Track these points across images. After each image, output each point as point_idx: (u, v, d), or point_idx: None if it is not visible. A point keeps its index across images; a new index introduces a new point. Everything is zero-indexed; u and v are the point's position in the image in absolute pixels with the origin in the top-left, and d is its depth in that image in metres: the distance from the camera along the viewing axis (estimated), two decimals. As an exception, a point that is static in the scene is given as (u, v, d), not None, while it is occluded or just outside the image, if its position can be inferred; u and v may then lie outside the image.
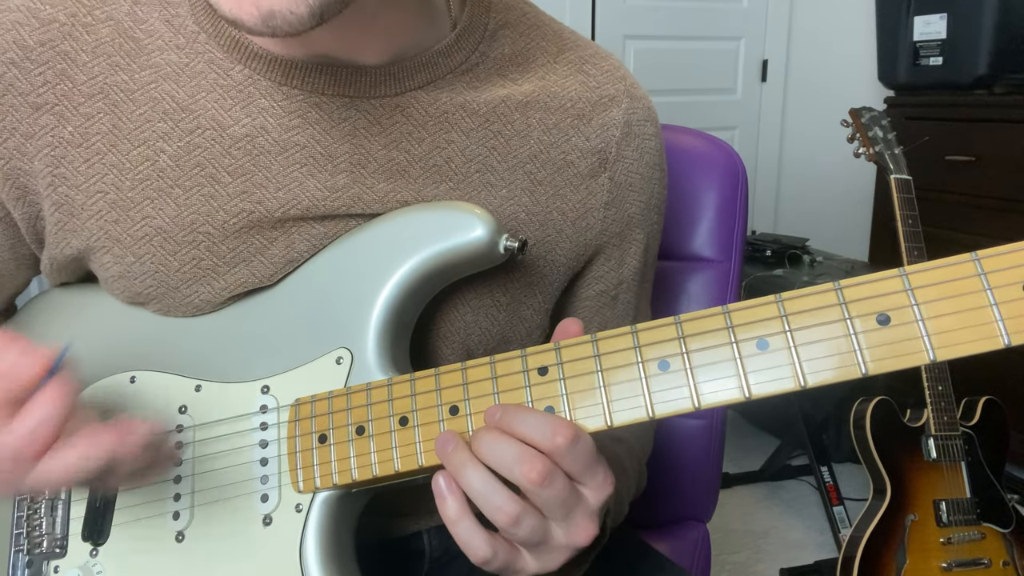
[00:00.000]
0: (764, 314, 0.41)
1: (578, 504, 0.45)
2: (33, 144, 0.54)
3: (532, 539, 0.45)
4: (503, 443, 0.44)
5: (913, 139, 1.63)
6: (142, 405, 0.56)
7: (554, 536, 0.46)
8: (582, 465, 0.44)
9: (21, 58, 0.53)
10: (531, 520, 0.44)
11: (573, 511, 0.45)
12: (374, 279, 0.53)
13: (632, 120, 0.62)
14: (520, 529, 0.44)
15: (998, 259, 0.38)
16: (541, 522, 0.45)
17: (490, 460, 0.44)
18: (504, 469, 0.44)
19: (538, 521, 0.45)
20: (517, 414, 0.44)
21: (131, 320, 0.58)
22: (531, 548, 0.46)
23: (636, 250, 0.65)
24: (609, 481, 0.46)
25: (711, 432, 0.97)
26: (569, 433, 0.43)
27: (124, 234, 0.55)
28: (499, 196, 0.58)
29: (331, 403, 0.51)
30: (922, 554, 1.34)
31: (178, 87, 0.54)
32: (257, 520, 0.52)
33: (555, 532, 0.46)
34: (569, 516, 0.45)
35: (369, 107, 0.55)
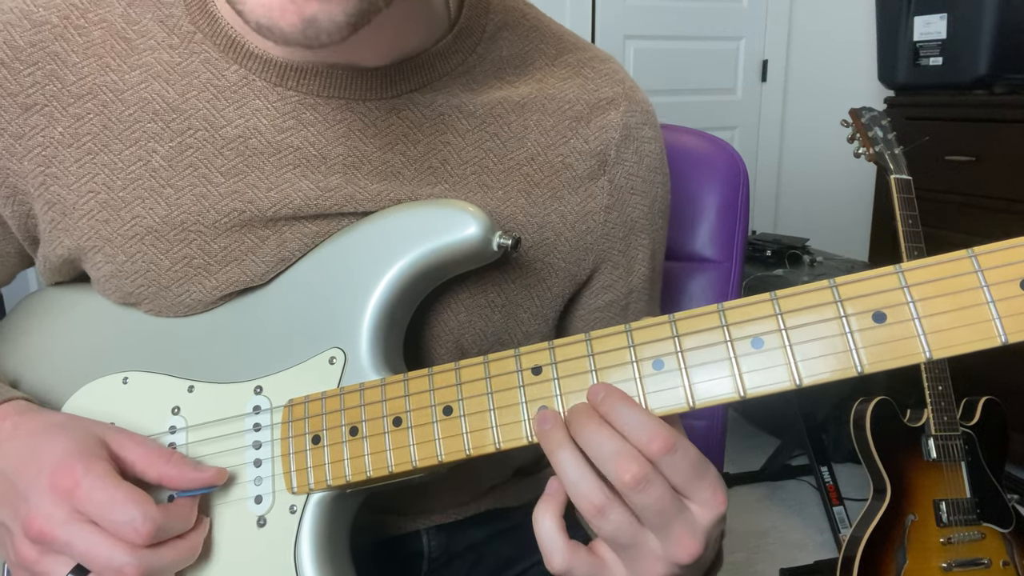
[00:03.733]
0: (759, 312, 0.41)
1: (679, 516, 0.42)
2: (23, 144, 0.54)
3: (619, 538, 0.42)
4: (603, 435, 0.41)
5: (913, 139, 1.63)
6: (134, 406, 0.56)
7: (648, 544, 0.43)
8: (683, 477, 0.41)
9: (11, 59, 0.53)
10: (619, 516, 0.42)
11: (672, 522, 0.42)
12: (367, 278, 0.53)
13: (631, 123, 0.62)
14: (606, 523, 0.42)
15: (995, 256, 0.37)
16: (630, 521, 0.42)
17: (588, 449, 0.42)
18: (600, 463, 0.42)
19: (626, 519, 0.42)
20: (616, 405, 0.42)
21: (123, 320, 0.58)
22: (620, 551, 0.44)
23: (643, 256, 0.65)
24: (720, 499, 0.42)
25: (712, 433, 0.97)
26: (665, 443, 0.40)
27: (115, 233, 0.54)
28: (495, 198, 0.58)
29: (324, 403, 0.51)
30: (922, 554, 1.34)
31: (169, 87, 0.54)
32: (251, 521, 0.51)
33: (649, 540, 0.43)
34: (668, 527, 0.42)
35: (365, 109, 0.55)
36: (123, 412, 0.56)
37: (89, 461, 0.47)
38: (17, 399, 0.54)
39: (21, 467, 0.48)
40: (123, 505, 0.45)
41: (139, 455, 0.49)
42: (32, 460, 0.48)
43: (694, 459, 0.42)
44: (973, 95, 2.07)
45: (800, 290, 0.40)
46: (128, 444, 0.50)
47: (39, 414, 0.52)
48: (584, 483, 0.42)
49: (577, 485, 0.42)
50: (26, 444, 0.49)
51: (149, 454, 0.50)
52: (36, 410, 0.53)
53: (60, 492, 0.46)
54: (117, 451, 0.49)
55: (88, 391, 0.57)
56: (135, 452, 0.49)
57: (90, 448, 0.48)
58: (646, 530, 0.43)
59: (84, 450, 0.47)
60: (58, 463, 0.47)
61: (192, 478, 0.50)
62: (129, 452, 0.49)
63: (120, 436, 0.50)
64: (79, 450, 0.47)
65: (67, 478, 0.46)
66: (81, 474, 0.46)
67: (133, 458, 0.49)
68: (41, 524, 0.46)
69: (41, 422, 0.51)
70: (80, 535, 0.45)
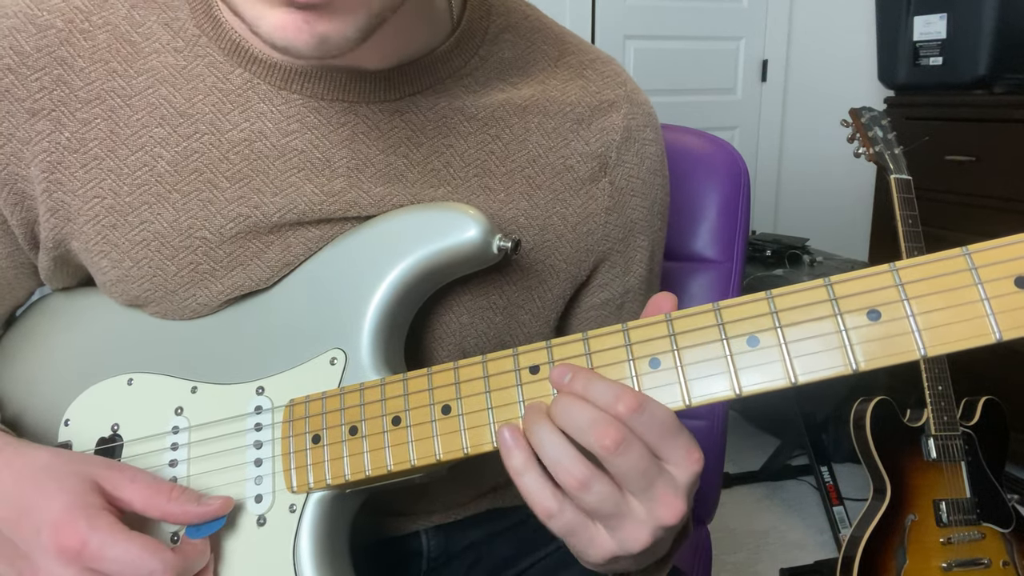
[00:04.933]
0: (755, 311, 0.41)
1: (659, 476, 0.42)
2: (30, 149, 0.54)
3: (603, 508, 0.43)
4: (576, 407, 0.42)
5: (913, 139, 1.63)
6: (139, 407, 0.56)
7: (632, 510, 0.43)
8: (656, 435, 0.42)
9: (18, 64, 0.53)
10: (602, 487, 0.42)
11: (654, 483, 0.42)
12: (368, 280, 0.53)
13: (632, 125, 0.62)
14: (590, 495, 0.42)
15: (989, 253, 0.38)
16: (613, 491, 0.42)
17: (564, 423, 0.42)
18: (578, 434, 0.42)
19: (609, 489, 0.42)
20: (587, 380, 0.43)
21: (129, 323, 0.58)
22: (604, 520, 0.44)
23: (641, 257, 0.65)
24: (695, 456, 0.43)
25: (712, 433, 0.97)
26: (632, 402, 0.41)
27: (122, 239, 0.55)
28: (497, 200, 0.58)
29: (324, 403, 0.51)
30: (922, 554, 1.34)
31: (175, 91, 0.54)
32: (251, 520, 0.52)
33: (633, 505, 0.43)
34: (650, 488, 0.42)
35: (368, 112, 0.55)
36: (127, 413, 0.56)
37: (91, 515, 0.45)
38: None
39: (16, 522, 0.46)
40: (139, 558, 0.44)
41: (136, 494, 0.48)
42: (26, 515, 0.46)
43: (664, 417, 0.42)
44: (973, 95, 2.07)
45: (795, 289, 0.41)
46: (123, 483, 0.48)
47: (23, 454, 0.50)
48: (565, 459, 0.42)
49: (559, 462, 0.42)
50: (15, 494, 0.47)
51: (147, 491, 0.48)
52: (20, 449, 0.50)
53: (68, 554, 0.44)
54: (112, 492, 0.48)
55: (93, 392, 0.57)
56: (131, 491, 0.48)
57: (87, 498, 0.46)
58: (628, 496, 0.43)
59: (82, 502, 0.45)
60: (58, 521, 0.45)
61: (197, 514, 0.48)
62: (125, 492, 0.48)
63: (113, 475, 0.48)
64: (77, 503, 0.45)
65: (72, 537, 0.44)
66: (86, 531, 0.44)
67: (130, 497, 0.48)
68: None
69: (29, 467, 0.49)
70: None
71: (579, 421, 0.42)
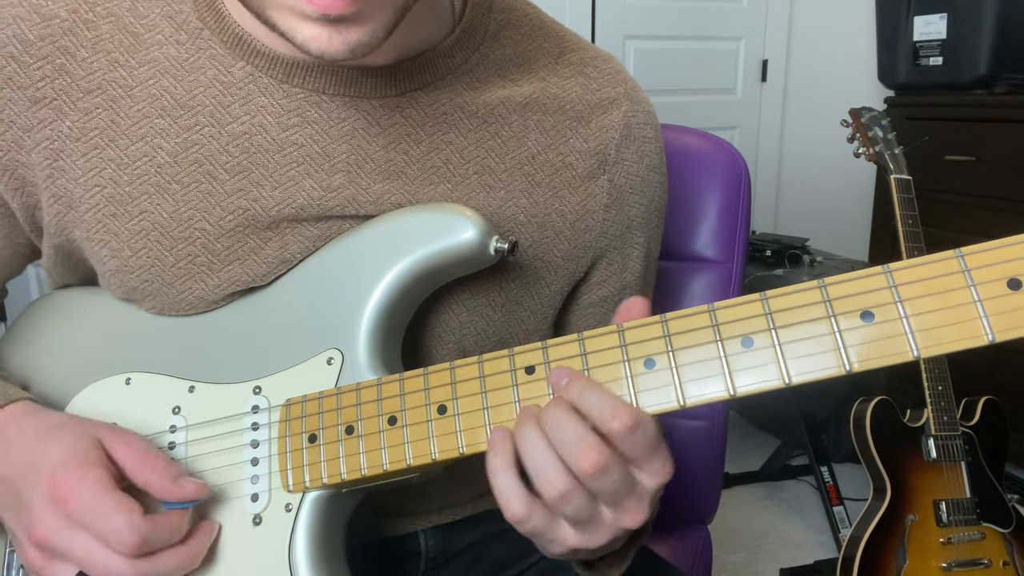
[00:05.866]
0: (749, 312, 0.41)
1: (632, 491, 0.44)
2: (31, 137, 0.54)
3: (576, 516, 0.44)
4: (565, 420, 0.43)
5: (913, 139, 1.63)
6: (136, 406, 0.56)
7: (603, 516, 0.45)
8: (640, 451, 0.43)
9: (20, 52, 0.53)
10: (579, 500, 0.43)
11: (625, 498, 0.44)
12: (365, 281, 0.54)
13: (632, 123, 0.62)
14: (567, 506, 0.43)
15: (982, 255, 0.38)
16: (590, 503, 0.44)
17: (551, 433, 0.43)
18: (561, 447, 0.43)
19: (587, 501, 0.44)
20: (582, 389, 0.43)
21: (127, 322, 0.58)
22: (574, 524, 0.45)
23: (638, 254, 0.65)
24: (667, 469, 0.45)
25: (712, 433, 0.97)
26: (628, 420, 0.42)
27: (121, 228, 0.55)
28: (497, 197, 0.58)
29: (321, 403, 0.51)
30: (922, 554, 1.34)
31: (177, 83, 0.54)
32: (247, 520, 0.52)
33: (604, 513, 0.45)
34: (620, 503, 0.44)
35: (369, 107, 0.55)
36: (125, 412, 0.56)
37: (85, 468, 0.47)
38: (22, 400, 0.54)
39: (23, 475, 0.49)
40: (108, 515, 0.46)
41: (128, 458, 0.49)
42: (32, 468, 0.48)
43: (652, 436, 0.43)
44: (973, 95, 2.07)
45: (789, 290, 0.41)
46: (118, 446, 0.50)
47: (40, 416, 0.53)
48: (549, 469, 0.43)
49: (542, 471, 0.43)
50: (27, 450, 0.50)
51: (136, 457, 0.49)
52: (38, 412, 0.53)
53: (57, 501, 0.46)
54: (111, 453, 0.50)
55: (92, 391, 0.58)
56: (124, 454, 0.50)
57: (86, 454, 0.48)
58: (601, 505, 0.45)
59: (80, 457, 0.48)
60: (55, 471, 0.47)
61: (171, 491, 0.49)
62: (118, 454, 0.50)
63: (113, 437, 0.50)
64: (75, 457, 0.48)
65: (63, 487, 0.46)
66: (75, 482, 0.46)
67: (122, 460, 0.50)
68: (42, 532, 0.47)
69: (42, 425, 0.51)
70: (76, 544, 0.46)
71: (565, 435, 0.43)
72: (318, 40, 0.46)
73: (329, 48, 0.46)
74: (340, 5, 0.43)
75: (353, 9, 0.44)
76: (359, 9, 0.44)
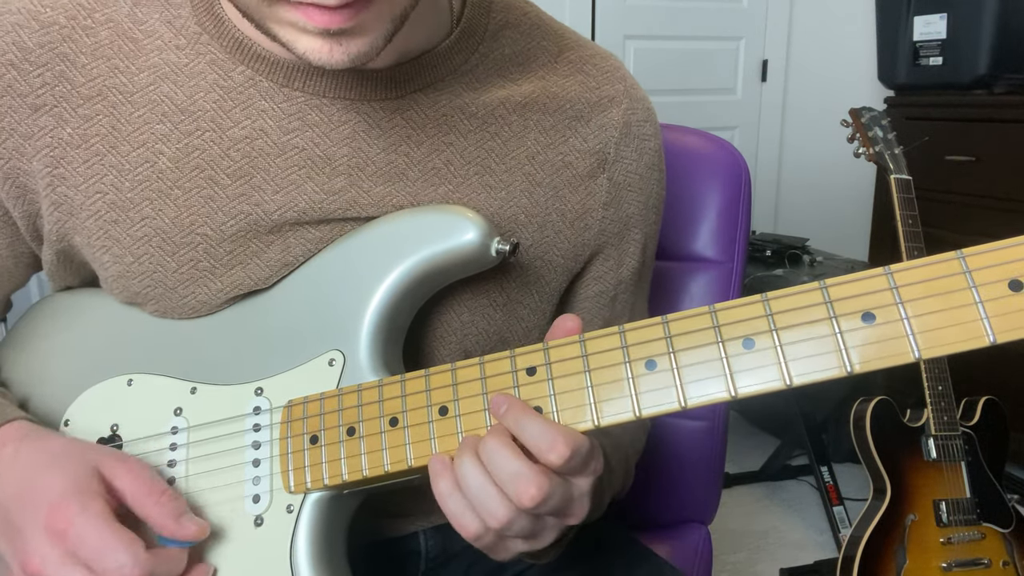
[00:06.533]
0: (750, 313, 0.41)
1: (572, 503, 0.46)
2: (32, 145, 0.54)
3: (521, 534, 0.46)
4: (502, 455, 0.44)
5: (913, 139, 1.63)
6: (138, 407, 0.56)
7: (546, 527, 0.47)
8: (579, 468, 0.45)
9: (20, 60, 0.53)
10: (522, 523, 0.45)
11: (567, 508, 0.46)
12: (367, 282, 0.54)
13: (631, 121, 0.62)
14: (510, 531, 0.45)
15: (983, 257, 0.38)
16: (531, 522, 0.45)
17: (490, 468, 0.44)
18: (502, 483, 0.44)
19: (527, 522, 0.45)
20: (519, 418, 0.44)
21: (129, 324, 0.58)
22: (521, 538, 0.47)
23: (634, 250, 0.65)
24: (599, 467, 0.47)
25: (713, 434, 0.97)
26: (565, 452, 0.43)
27: (123, 234, 0.55)
28: (498, 198, 0.58)
29: (323, 404, 0.51)
30: (922, 554, 1.34)
31: (177, 88, 0.54)
32: (248, 521, 0.52)
33: (549, 523, 0.47)
34: (563, 513, 0.46)
35: (369, 110, 0.55)
36: (127, 413, 0.56)
37: (84, 501, 0.46)
38: (19, 420, 0.53)
39: (19, 502, 0.48)
40: (113, 551, 0.45)
41: (129, 487, 0.49)
42: (28, 496, 0.48)
43: (587, 450, 0.45)
44: (973, 95, 2.07)
45: (790, 291, 0.41)
46: (120, 472, 0.49)
47: (37, 439, 0.52)
48: (490, 501, 0.44)
49: (483, 503, 0.44)
50: (23, 475, 0.49)
51: (139, 489, 0.49)
52: (36, 433, 0.52)
53: (55, 534, 0.46)
54: (110, 481, 0.49)
55: (94, 393, 0.58)
56: (125, 482, 0.49)
57: (86, 485, 0.47)
58: (545, 518, 0.46)
59: (80, 488, 0.47)
60: (54, 502, 0.46)
61: (172, 530, 0.48)
62: (119, 481, 0.49)
63: (114, 463, 0.49)
64: (75, 489, 0.47)
65: (62, 519, 0.45)
66: (75, 515, 0.45)
67: (123, 489, 0.49)
68: (36, 564, 0.46)
69: (39, 450, 0.50)
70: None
71: (503, 470, 0.44)
72: (319, 52, 0.46)
73: (330, 59, 0.46)
74: (339, 20, 0.44)
75: (352, 23, 0.45)
76: (358, 23, 0.45)
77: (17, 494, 0.48)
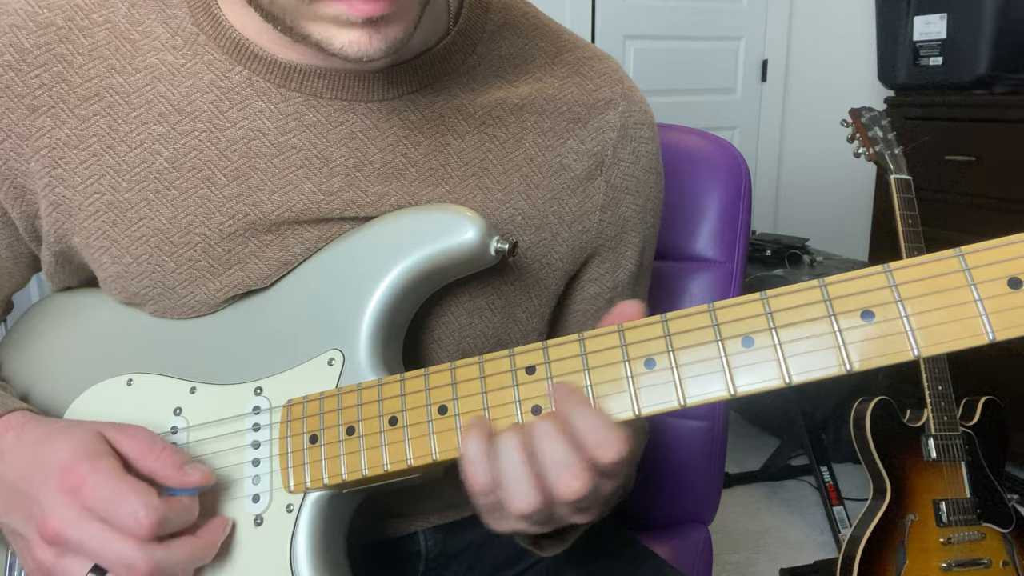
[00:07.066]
0: (749, 312, 0.41)
1: (597, 500, 0.46)
2: (30, 145, 0.54)
3: (539, 522, 0.46)
4: (554, 442, 0.43)
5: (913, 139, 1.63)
6: (138, 407, 0.56)
7: (558, 516, 0.46)
8: (617, 471, 0.45)
9: (17, 60, 0.53)
10: (544, 514, 0.45)
11: (591, 506, 0.46)
12: (366, 282, 0.54)
13: (628, 123, 0.62)
14: (531, 519, 0.45)
15: (982, 254, 0.38)
16: (550, 513, 0.45)
17: (537, 450, 0.43)
18: (546, 467, 0.43)
19: (548, 512, 0.45)
20: (576, 408, 0.44)
21: (128, 323, 0.58)
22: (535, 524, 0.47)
23: (632, 253, 0.65)
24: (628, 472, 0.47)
25: (712, 434, 0.97)
26: (617, 454, 0.43)
27: (121, 235, 0.55)
28: (495, 199, 0.58)
29: (322, 403, 0.51)
30: (922, 554, 1.34)
31: (174, 88, 0.54)
32: (248, 520, 0.52)
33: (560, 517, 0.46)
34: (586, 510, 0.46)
35: (366, 110, 0.55)
36: (127, 413, 0.56)
37: (95, 458, 0.47)
38: (20, 410, 0.54)
39: (29, 476, 0.49)
40: (125, 497, 0.46)
41: (132, 449, 0.50)
42: (39, 467, 0.49)
43: (629, 457, 0.44)
44: (973, 95, 2.07)
45: (789, 290, 0.41)
46: (121, 438, 0.50)
47: (40, 424, 0.53)
48: (523, 485, 0.44)
49: (516, 485, 0.44)
50: (30, 454, 0.50)
51: (140, 447, 0.50)
52: (37, 420, 0.53)
53: (69, 492, 0.46)
54: (115, 445, 0.50)
55: (93, 393, 0.58)
56: (128, 446, 0.50)
57: (94, 445, 0.48)
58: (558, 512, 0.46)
59: (89, 448, 0.48)
60: (65, 464, 0.47)
61: (176, 478, 0.49)
62: (122, 445, 0.50)
63: (116, 430, 0.51)
64: (84, 449, 0.48)
65: (74, 477, 0.47)
66: (87, 471, 0.46)
67: (126, 451, 0.50)
68: (55, 525, 0.46)
69: (43, 431, 0.51)
70: (91, 532, 0.46)
71: (553, 456, 0.43)
72: (358, 43, 0.46)
73: (369, 49, 0.47)
74: (382, 7, 0.45)
75: (392, 9, 0.45)
76: (395, 9, 0.46)
77: (26, 473, 0.49)
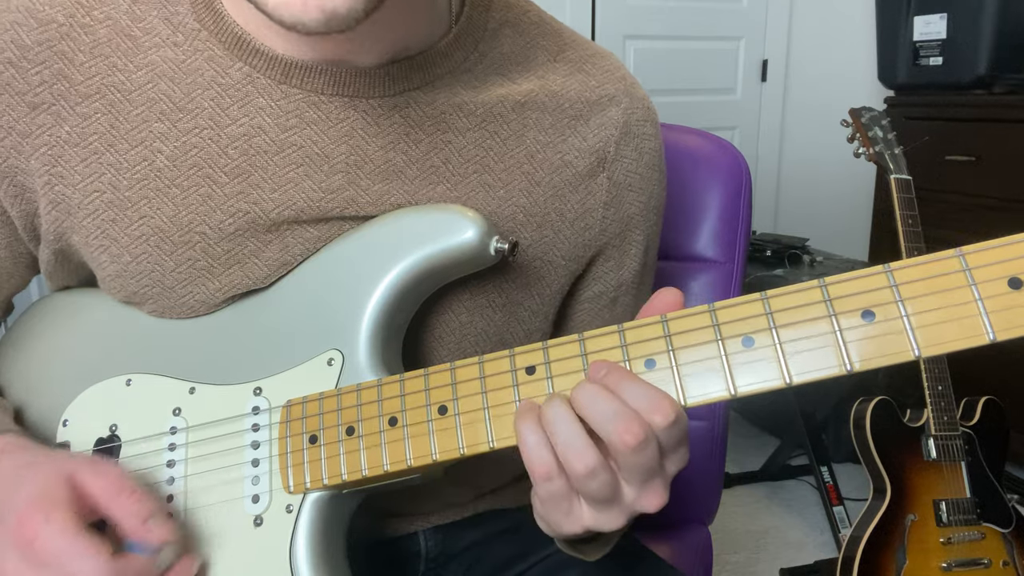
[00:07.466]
0: (750, 312, 0.41)
1: (659, 473, 0.43)
2: (30, 143, 0.54)
3: (599, 496, 0.43)
4: (603, 397, 0.41)
5: (913, 139, 1.63)
6: (137, 407, 0.56)
7: (622, 499, 0.44)
8: (675, 442, 0.42)
9: (18, 58, 0.53)
10: (606, 476, 0.42)
11: (652, 479, 0.43)
12: (366, 282, 0.53)
13: (631, 120, 0.62)
14: (593, 482, 0.42)
15: (983, 255, 0.38)
16: (614, 481, 0.43)
17: (586, 411, 0.42)
18: (599, 424, 0.41)
19: (612, 478, 0.42)
20: (622, 378, 0.42)
21: (127, 323, 0.58)
22: (592, 504, 0.44)
23: (636, 252, 0.65)
24: (687, 457, 0.44)
25: (713, 434, 0.97)
26: (670, 415, 0.41)
27: (121, 233, 0.55)
28: (497, 197, 0.58)
29: (322, 404, 0.51)
30: (922, 554, 1.34)
31: (175, 86, 0.54)
32: (248, 521, 0.52)
33: (625, 495, 0.43)
34: (647, 483, 0.43)
35: (367, 107, 0.55)
36: (126, 413, 0.56)
37: (50, 509, 0.45)
38: (9, 434, 0.53)
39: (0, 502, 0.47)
40: (76, 558, 0.44)
41: (100, 489, 0.47)
42: (5, 502, 0.47)
43: (685, 426, 0.42)
44: (973, 95, 2.07)
45: (790, 290, 0.41)
46: (91, 478, 0.47)
47: (21, 453, 0.51)
48: (578, 441, 0.41)
49: (571, 445, 0.42)
50: (5, 483, 0.48)
51: (109, 488, 0.47)
52: (21, 448, 0.52)
53: (23, 544, 0.45)
54: (82, 487, 0.47)
55: (92, 393, 0.57)
56: (96, 487, 0.47)
57: (52, 494, 0.46)
58: (624, 485, 0.43)
59: (46, 498, 0.46)
60: (21, 513, 0.45)
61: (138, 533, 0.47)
62: (91, 487, 0.47)
63: (87, 469, 0.48)
64: (43, 496, 0.46)
65: (28, 528, 0.45)
66: (40, 524, 0.44)
67: (95, 493, 0.47)
68: (11, 572, 0.45)
69: (22, 461, 0.50)
70: None
71: (605, 411, 0.41)
72: (290, 5, 0.44)
73: (303, 15, 0.44)
74: None
75: None
76: None
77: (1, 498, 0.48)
